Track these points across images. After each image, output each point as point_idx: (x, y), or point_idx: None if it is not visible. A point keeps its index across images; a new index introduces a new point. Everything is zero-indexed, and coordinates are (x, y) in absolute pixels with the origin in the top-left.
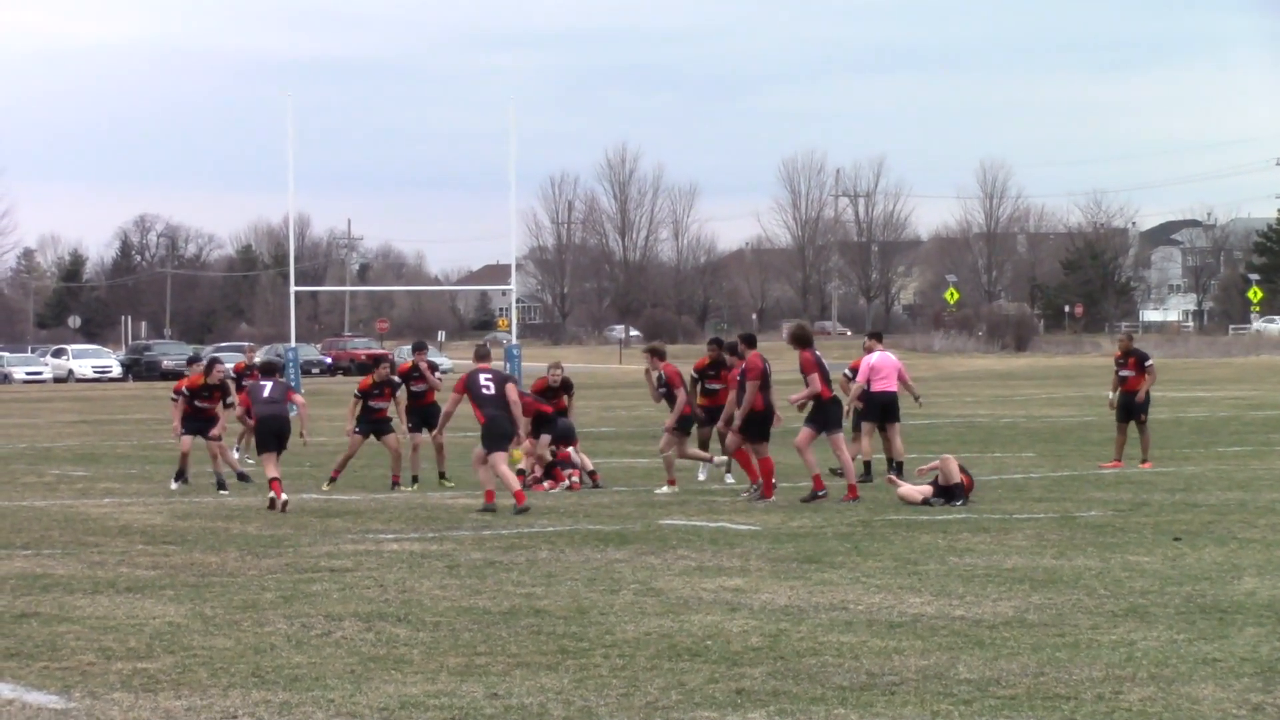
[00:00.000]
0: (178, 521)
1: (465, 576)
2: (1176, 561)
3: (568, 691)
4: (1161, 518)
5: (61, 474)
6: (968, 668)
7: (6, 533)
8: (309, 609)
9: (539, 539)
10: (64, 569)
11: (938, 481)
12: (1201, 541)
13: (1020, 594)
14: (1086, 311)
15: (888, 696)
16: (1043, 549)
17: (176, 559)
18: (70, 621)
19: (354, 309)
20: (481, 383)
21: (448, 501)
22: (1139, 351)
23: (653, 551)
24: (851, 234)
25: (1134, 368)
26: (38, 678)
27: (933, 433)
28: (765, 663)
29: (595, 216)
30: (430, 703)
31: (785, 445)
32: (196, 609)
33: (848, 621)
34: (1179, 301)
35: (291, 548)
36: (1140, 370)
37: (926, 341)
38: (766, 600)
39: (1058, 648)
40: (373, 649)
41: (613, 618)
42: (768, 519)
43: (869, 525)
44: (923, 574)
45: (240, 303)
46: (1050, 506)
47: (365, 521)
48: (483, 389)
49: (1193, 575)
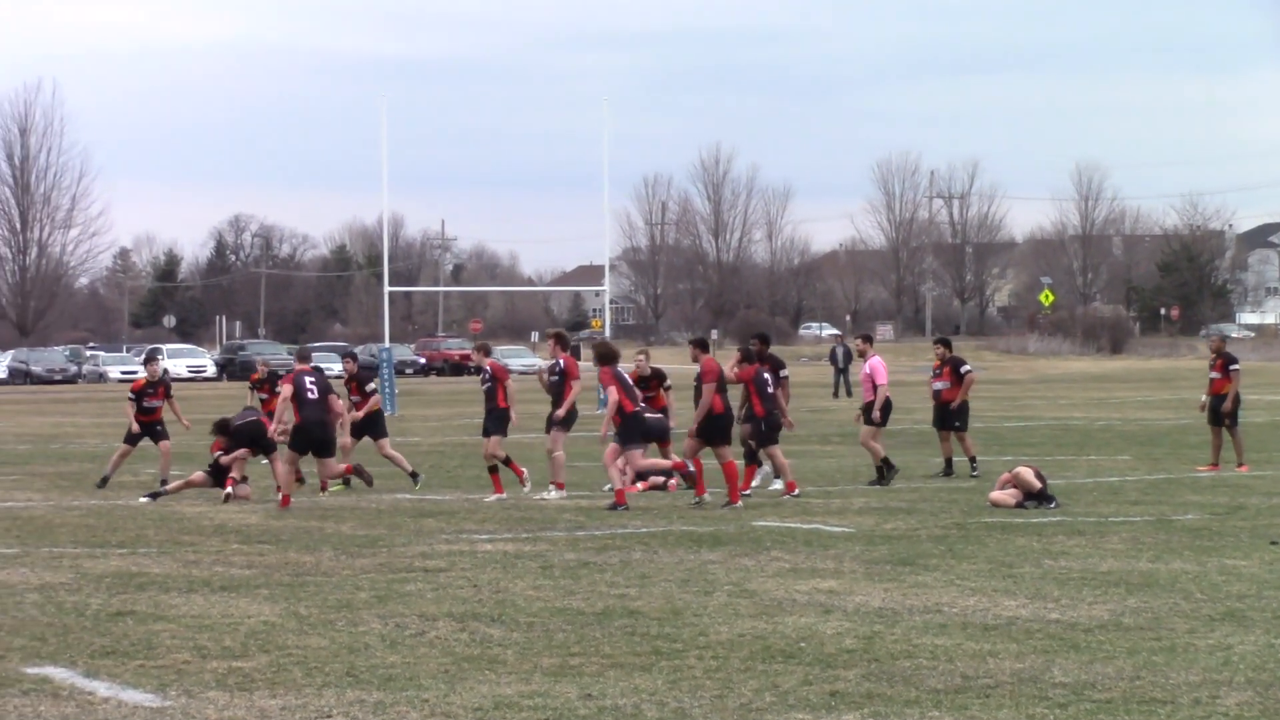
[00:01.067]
0: (272, 521)
1: (559, 577)
2: (1274, 565)
3: (661, 693)
4: (1259, 521)
5: (156, 473)
6: (1063, 671)
7: (102, 532)
8: (403, 609)
9: (633, 540)
10: (159, 568)
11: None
12: None
13: (1116, 597)
14: (1182, 314)
15: (982, 700)
16: (1138, 552)
17: (271, 558)
18: (166, 620)
19: (447, 309)
20: (306, 385)
21: (540, 502)
22: (1228, 354)
23: (747, 553)
24: (946, 236)
25: (1220, 370)
26: (133, 676)
27: (1028, 435)
28: (859, 665)
29: (689, 217)
30: (524, 703)
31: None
32: (291, 608)
33: (942, 624)
34: (1276, 304)
35: (386, 548)
36: (1225, 373)
37: (1021, 344)
38: (861, 602)
39: (1154, 651)
40: (467, 649)
41: (707, 619)
42: (862, 521)
43: (963, 528)
44: (1017, 577)
45: (334, 303)
46: (1146, 510)
47: (459, 522)
48: (307, 391)
49: None
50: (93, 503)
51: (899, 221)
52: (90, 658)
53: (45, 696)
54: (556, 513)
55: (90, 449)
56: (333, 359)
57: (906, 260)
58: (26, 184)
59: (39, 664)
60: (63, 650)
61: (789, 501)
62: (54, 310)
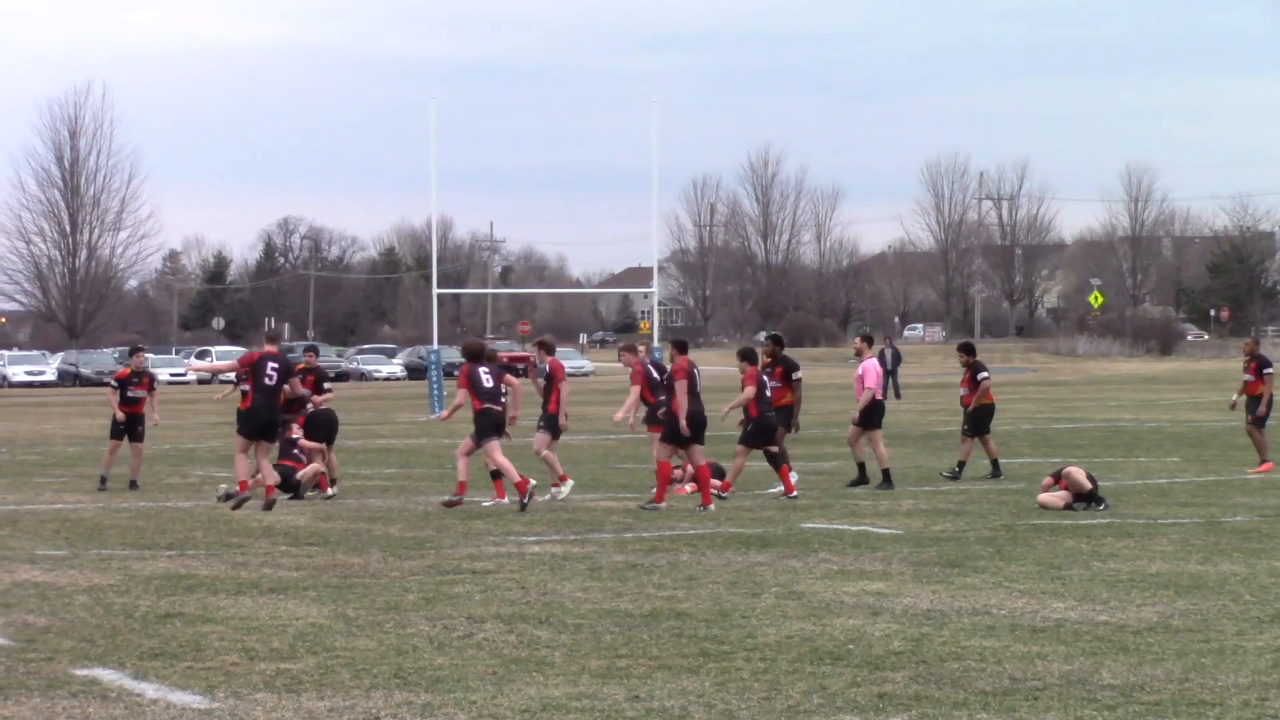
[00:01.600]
0: (320, 523)
1: (607, 579)
2: None
3: (709, 694)
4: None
5: (205, 475)
6: (1111, 673)
7: (151, 534)
8: (451, 611)
9: (680, 542)
10: (208, 570)
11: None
12: None
13: (1165, 599)
14: (1232, 315)
15: (1030, 702)
16: (1187, 554)
17: (319, 560)
18: (214, 622)
19: (496, 311)
20: (267, 370)
21: (589, 504)
22: (1261, 356)
23: (794, 555)
24: (994, 237)
25: (1254, 372)
26: (182, 678)
27: (1077, 437)
28: (907, 667)
29: (738, 219)
30: (572, 705)
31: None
32: (339, 610)
33: (990, 626)
34: None
35: (434, 550)
36: (1259, 376)
37: (1070, 345)
38: (909, 604)
39: (1203, 654)
40: (514, 651)
41: (754, 621)
42: (910, 523)
43: (1012, 530)
44: (1066, 579)
45: (383, 305)
46: (1195, 511)
47: (507, 524)
48: (265, 376)
49: None
50: (141, 505)
51: (948, 223)
52: (139, 659)
53: (94, 698)
54: (604, 514)
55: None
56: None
57: (955, 262)
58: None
59: (88, 665)
60: (111, 652)
61: (837, 503)
62: (103, 313)
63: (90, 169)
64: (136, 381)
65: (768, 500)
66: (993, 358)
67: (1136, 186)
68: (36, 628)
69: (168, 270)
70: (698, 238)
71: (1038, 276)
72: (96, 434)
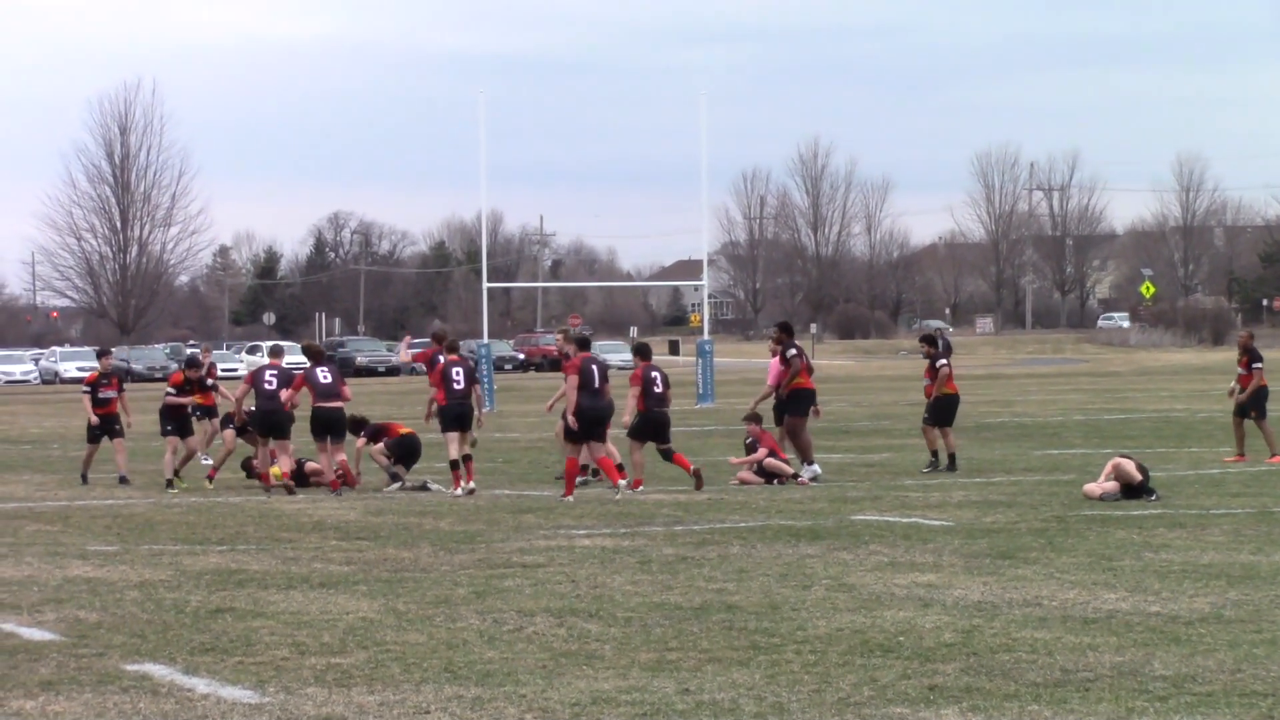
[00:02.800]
0: (371, 518)
1: (657, 572)
2: None
3: (759, 687)
4: None
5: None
6: (1163, 664)
7: (202, 529)
8: (501, 604)
9: (730, 534)
10: (258, 565)
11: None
12: None
13: (1217, 590)
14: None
15: (1082, 693)
16: (1240, 544)
17: (370, 555)
18: (264, 617)
19: (546, 305)
20: (265, 377)
21: (639, 497)
22: (1253, 350)
23: (845, 547)
24: (1045, 228)
25: (1245, 366)
26: (233, 673)
27: (1129, 427)
28: (958, 659)
29: (787, 211)
30: (622, 698)
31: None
32: (389, 604)
33: (1041, 618)
34: None
35: (484, 543)
36: (1249, 370)
37: (1122, 335)
38: (959, 596)
39: (1255, 644)
40: (564, 644)
41: (805, 613)
42: (961, 515)
43: (1063, 521)
44: (1118, 570)
45: (433, 299)
46: (1248, 501)
47: (557, 517)
48: (265, 383)
49: None
50: (192, 500)
51: (998, 214)
52: (189, 654)
53: (145, 693)
54: (654, 508)
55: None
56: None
57: (1006, 253)
58: (126, 182)
59: (139, 661)
60: (162, 647)
61: (888, 495)
62: (154, 308)
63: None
64: (106, 383)
65: (817, 492)
66: (1043, 348)
67: (1188, 176)
68: (88, 623)
69: (218, 266)
70: (748, 230)
71: (1089, 267)
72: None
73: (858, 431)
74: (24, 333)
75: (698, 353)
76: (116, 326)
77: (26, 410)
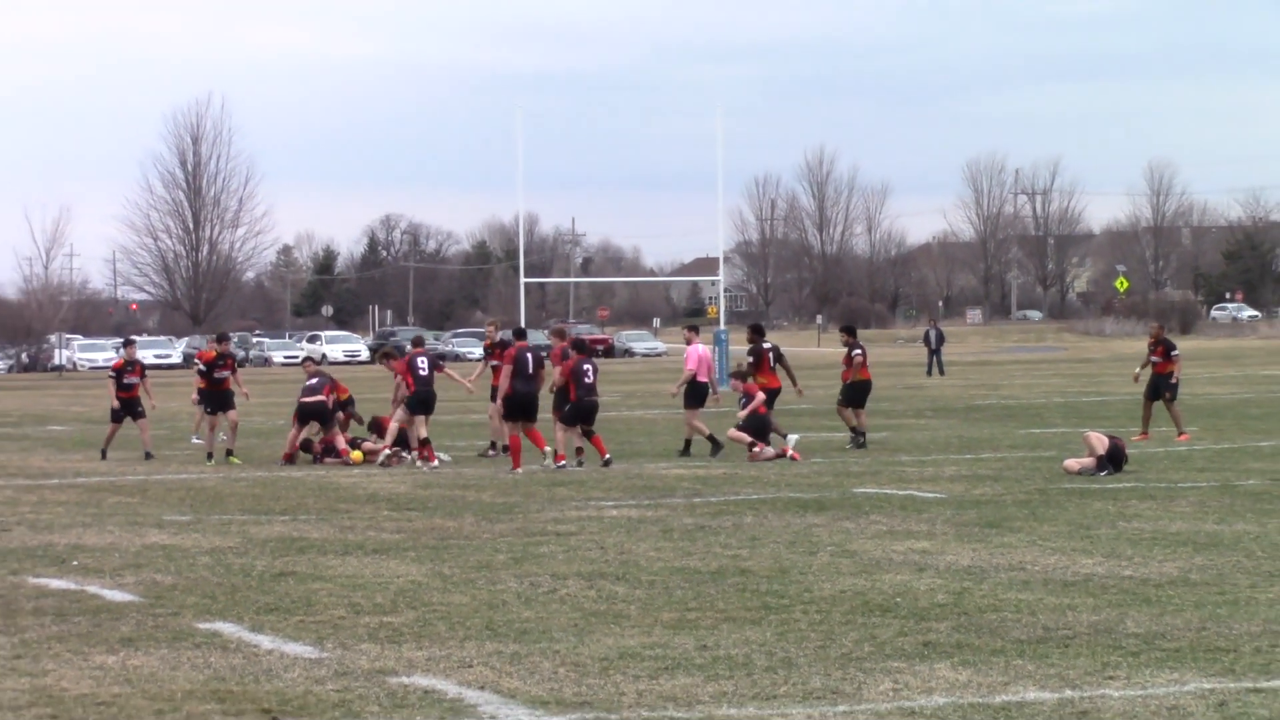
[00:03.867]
0: (419, 490)
1: (678, 539)
2: None
3: (770, 644)
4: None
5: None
6: (1135, 623)
7: (266, 500)
8: (537, 569)
9: (744, 506)
10: (318, 533)
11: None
12: None
13: (1184, 556)
14: (1245, 298)
15: (1061, 649)
16: (1205, 515)
17: (418, 524)
18: (323, 580)
19: (577, 298)
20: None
21: (662, 472)
22: (1167, 341)
23: (847, 517)
24: (1029, 228)
25: (1162, 355)
26: (294, 630)
27: (1105, 409)
28: (950, 618)
29: (795, 213)
30: (646, 654)
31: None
32: (436, 569)
33: (1025, 581)
34: None
35: (521, 514)
36: (1167, 357)
37: (1099, 326)
38: (951, 561)
39: (1218, 605)
40: (594, 605)
41: (811, 577)
42: (952, 488)
43: (1045, 493)
44: (1094, 537)
45: (475, 293)
46: (1212, 476)
47: (587, 491)
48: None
49: None
50: (258, 474)
51: (987, 215)
52: (255, 614)
53: (215, 649)
54: (675, 481)
55: (256, 425)
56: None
57: (994, 251)
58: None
59: (210, 619)
60: (231, 607)
61: (886, 470)
62: (223, 301)
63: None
64: (130, 370)
65: (822, 467)
66: (1026, 338)
67: (1158, 181)
68: (164, 585)
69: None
70: (759, 230)
71: (1068, 264)
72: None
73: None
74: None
75: (714, 341)
76: (189, 318)
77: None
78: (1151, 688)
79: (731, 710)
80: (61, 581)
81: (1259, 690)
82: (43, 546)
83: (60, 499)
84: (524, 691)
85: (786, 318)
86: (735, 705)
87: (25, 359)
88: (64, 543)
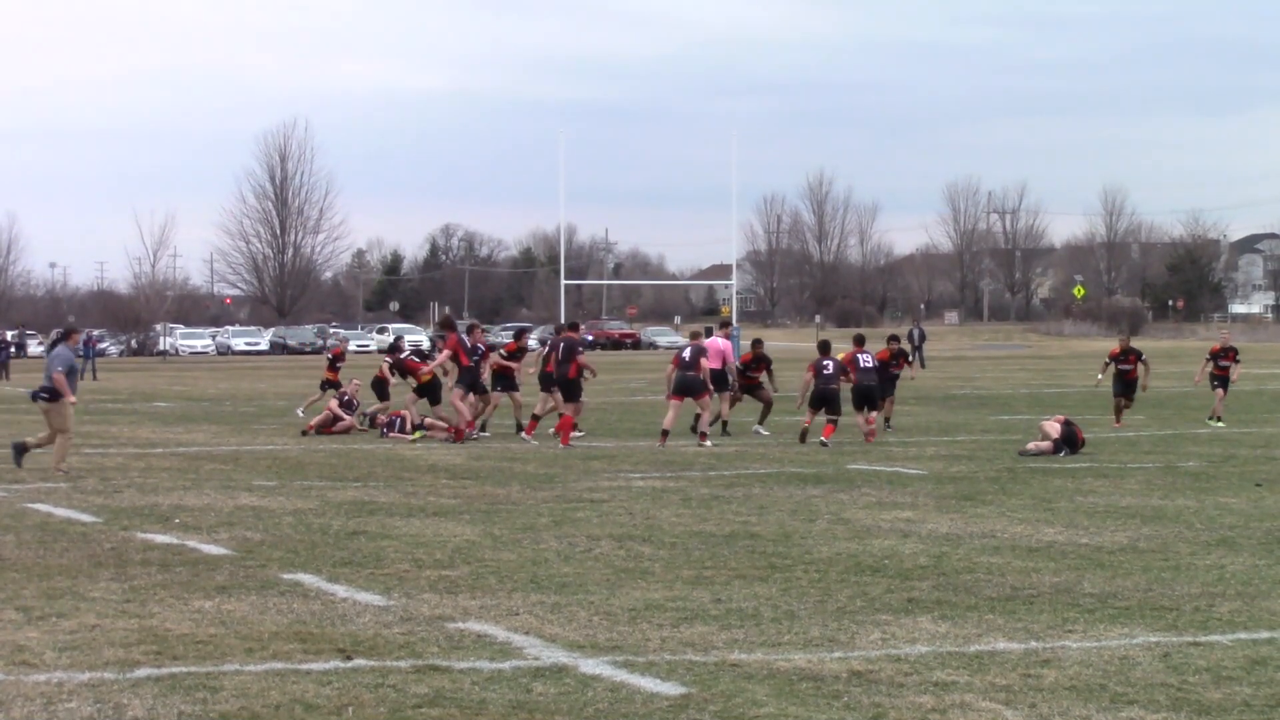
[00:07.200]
0: (473, 462)
1: (695, 507)
2: (1258, 503)
3: (775, 598)
4: (1246, 468)
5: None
6: (1091, 584)
7: (341, 469)
8: (574, 531)
9: (753, 479)
10: (385, 498)
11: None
12: (1279, 487)
13: (1133, 527)
14: (1186, 305)
15: (1027, 605)
16: (1151, 491)
17: (472, 490)
18: (390, 539)
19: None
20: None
21: (681, 449)
22: (1137, 350)
23: (842, 490)
24: (1000, 242)
25: (1132, 362)
26: (365, 582)
27: (1063, 400)
28: (931, 578)
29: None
30: (668, 605)
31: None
32: (487, 530)
33: (995, 546)
34: (1261, 298)
35: (561, 483)
36: (1139, 362)
37: (1058, 328)
38: (932, 529)
39: (1163, 570)
40: (623, 563)
41: (811, 541)
42: (933, 465)
43: (1013, 471)
44: (1055, 510)
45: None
46: (1158, 458)
47: (618, 464)
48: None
49: (1271, 514)
50: (334, 446)
51: (963, 231)
52: (332, 567)
53: (297, 596)
54: (693, 457)
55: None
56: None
57: (969, 262)
58: (284, 199)
59: (293, 571)
60: (310, 561)
61: (875, 450)
62: (305, 297)
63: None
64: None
65: (819, 449)
66: (996, 337)
67: (1112, 203)
68: (253, 541)
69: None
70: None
71: (1033, 274)
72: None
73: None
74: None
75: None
76: (276, 311)
77: (205, 376)
78: (1105, 640)
79: (742, 655)
80: (165, 536)
81: (1198, 644)
82: (149, 506)
83: (164, 465)
84: (563, 636)
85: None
86: (745, 651)
87: (134, 345)
88: (167, 503)
